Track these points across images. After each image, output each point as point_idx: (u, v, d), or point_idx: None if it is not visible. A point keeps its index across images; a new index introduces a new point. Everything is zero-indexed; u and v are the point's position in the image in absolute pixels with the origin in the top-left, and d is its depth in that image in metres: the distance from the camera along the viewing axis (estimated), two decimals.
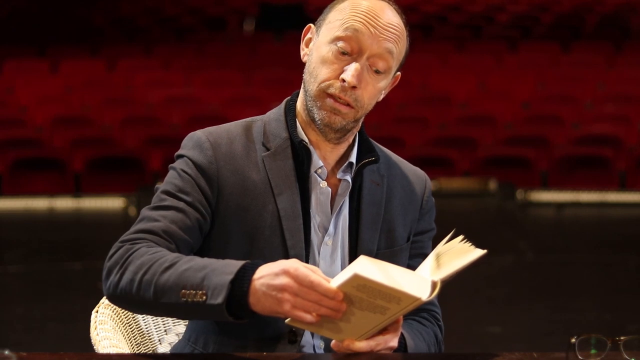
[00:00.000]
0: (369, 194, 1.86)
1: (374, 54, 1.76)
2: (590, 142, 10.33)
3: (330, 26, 1.78)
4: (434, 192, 1.98)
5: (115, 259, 1.69)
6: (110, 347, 1.87)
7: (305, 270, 1.53)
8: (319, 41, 1.80)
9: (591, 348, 1.55)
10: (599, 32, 13.48)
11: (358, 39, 1.75)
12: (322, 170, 1.82)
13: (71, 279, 6.40)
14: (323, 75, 1.76)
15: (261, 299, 1.55)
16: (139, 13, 14.60)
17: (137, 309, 1.77)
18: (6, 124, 10.53)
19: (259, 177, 1.80)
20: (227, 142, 1.81)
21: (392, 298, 1.53)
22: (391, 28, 1.78)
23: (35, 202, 9.82)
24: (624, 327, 5.04)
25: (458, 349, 4.63)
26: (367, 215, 1.84)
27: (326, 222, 1.82)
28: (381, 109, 12.40)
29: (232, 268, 1.58)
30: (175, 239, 1.73)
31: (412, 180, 1.94)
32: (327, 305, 1.53)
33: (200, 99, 11.23)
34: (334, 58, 1.76)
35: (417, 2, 14.81)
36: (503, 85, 11.49)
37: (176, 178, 1.79)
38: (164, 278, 1.62)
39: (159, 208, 1.76)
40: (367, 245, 1.83)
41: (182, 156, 1.82)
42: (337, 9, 1.80)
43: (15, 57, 12.25)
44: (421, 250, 1.93)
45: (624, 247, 7.77)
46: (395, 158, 1.96)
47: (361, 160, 1.85)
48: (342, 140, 1.84)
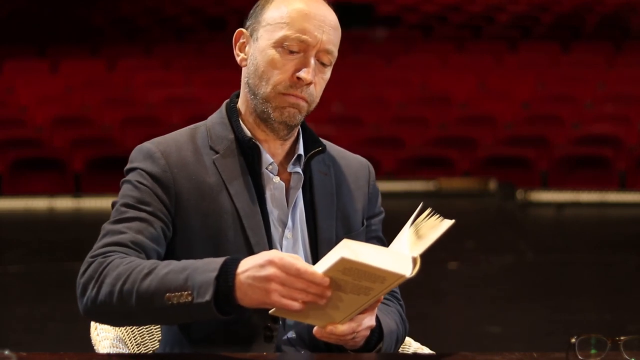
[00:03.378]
0: (320, 184, 1.90)
1: (321, 49, 1.81)
2: (590, 142, 10.33)
3: (271, 28, 1.81)
4: (434, 192, 2.00)
5: (89, 274, 1.69)
6: (110, 347, 1.87)
7: (290, 258, 1.55)
8: (261, 45, 1.82)
9: (591, 348, 1.56)
10: (599, 32, 13.47)
11: (304, 37, 1.79)
12: (273, 166, 1.86)
13: (71, 279, 6.32)
14: (276, 77, 1.80)
15: (248, 291, 1.57)
16: (139, 13, 14.59)
17: (119, 321, 1.76)
18: (6, 124, 10.53)
19: (213, 179, 1.82)
20: (176, 150, 1.83)
21: (377, 278, 1.55)
22: (330, 22, 1.83)
23: (35, 202, 9.82)
24: (624, 327, 5.04)
25: (458, 349, 4.63)
26: (321, 205, 1.89)
27: (283, 216, 1.86)
28: (381, 109, 12.36)
29: (214, 265, 1.60)
30: (144, 249, 1.74)
31: (356, 167, 1.99)
32: (314, 292, 1.55)
33: (200, 99, 11.23)
34: (283, 59, 1.80)
35: (417, 2, 14.80)
36: (503, 85, 11.48)
37: (133, 190, 1.81)
38: (145, 285, 1.62)
39: (121, 221, 1.77)
40: (326, 234, 1.87)
41: (134, 169, 1.84)
42: (271, 9, 1.83)
43: (15, 57, 12.25)
44: (375, 233, 1.99)
45: (624, 247, 7.76)
46: (337, 148, 2.02)
47: (308, 151, 1.89)
48: (290, 135, 1.87)
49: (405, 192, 9.31)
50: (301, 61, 1.79)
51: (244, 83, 1.88)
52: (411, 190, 9.50)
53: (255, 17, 1.86)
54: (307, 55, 1.80)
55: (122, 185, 1.85)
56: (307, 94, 1.81)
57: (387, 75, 11.67)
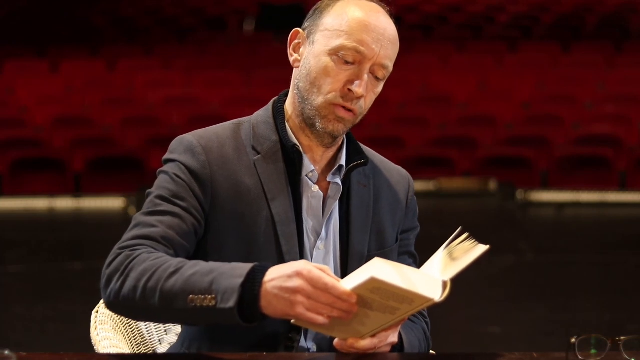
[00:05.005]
0: (357, 196, 1.86)
1: (376, 63, 1.76)
2: (590, 142, 10.33)
3: (328, 34, 1.77)
4: (434, 192, 2.00)
5: (115, 265, 1.65)
6: (111, 347, 1.87)
7: (319, 272, 1.52)
8: (316, 49, 1.79)
9: (591, 348, 1.56)
10: (599, 32, 13.47)
11: (361, 49, 1.75)
12: (313, 174, 1.82)
13: (71, 279, 6.40)
14: (328, 86, 1.76)
15: (273, 301, 1.53)
16: (139, 13, 14.60)
17: (141, 316, 1.75)
18: (6, 124, 10.53)
19: (252, 181, 1.78)
20: (218, 146, 1.79)
21: (405, 299, 1.53)
22: (389, 36, 1.78)
23: (35, 202, 9.82)
24: (624, 327, 5.04)
25: (458, 349, 4.63)
26: (357, 218, 1.84)
27: (318, 226, 1.82)
28: (381, 109, 12.39)
29: (241, 271, 1.56)
30: (173, 245, 1.70)
31: (397, 179, 1.95)
32: (340, 308, 1.52)
33: (200, 99, 11.23)
34: (337, 68, 1.75)
35: (417, 2, 14.80)
36: (503, 85, 11.49)
37: (169, 183, 1.77)
38: (170, 284, 1.59)
39: (154, 213, 1.73)
40: (358, 248, 1.83)
41: (173, 160, 1.80)
42: (331, 14, 1.79)
43: (15, 57, 12.25)
44: (407, 248, 1.94)
45: (624, 247, 7.76)
46: (379, 158, 1.97)
47: (350, 162, 1.85)
48: (333, 144, 1.84)
49: None
50: (355, 73, 1.75)
51: (293, 84, 1.84)
52: None
53: (314, 20, 1.82)
54: (362, 67, 1.75)
55: (158, 174, 1.81)
56: (357, 106, 1.77)
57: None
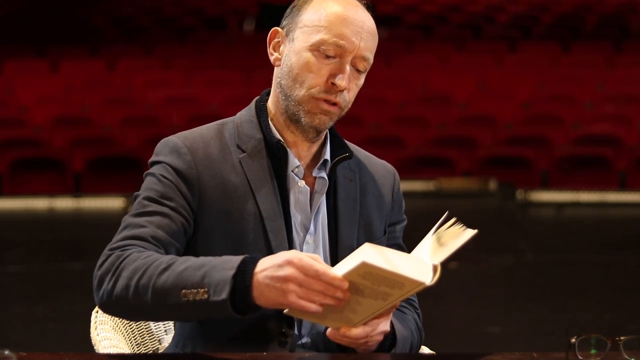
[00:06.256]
0: (344, 190, 1.88)
1: (357, 56, 1.79)
2: (590, 142, 10.32)
3: (308, 30, 1.79)
4: (434, 192, 2.01)
5: (107, 266, 1.67)
6: (111, 347, 1.87)
7: (309, 259, 1.54)
8: (297, 46, 1.80)
9: (591, 348, 1.56)
10: (599, 32, 13.47)
11: (342, 43, 1.77)
12: (299, 169, 1.84)
13: (71, 279, 6.40)
14: (311, 81, 1.78)
15: (265, 291, 1.55)
16: (139, 13, 14.59)
17: (135, 315, 1.76)
18: (6, 124, 10.53)
19: (238, 179, 1.80)
20: (202, 147, 1.82)
21: (396, 284, 1.54)
22: (368, 28, 1.81)
23: (35, 202, 9.81)
24: (624, 327, 5.04)
25: (458, 349, 4.63)
26: (344, 211, 1.87)
27: (306, 220, 1.84)
28: (381, 109, 12.39)
29: (232, 263, 1.58)
30: (163, 244, 1.72)
31: (382, 174, 1.98)
32: (332, 295, 1.54)
33: (200, 99, 11.23)
34: (319, 63, 1.78)
35: (417, 2, 14.80)
36: (503, 85, 11.48)
37: (156, 184, 1.79)
38: (162, 280, 1.60)
39: (143, 214, 1.75)
40: (347, 241, 1.85)
41: (159, 162, 1.82)
42: (309, 10, 1.81)
43: (15, 57, 12.25)
44: (395, 240, 1.97)
45: (624, 247, 7.76)
46: (363, 153, 2.00)
47: (335, 157, 1.87)
48: (317, 138, 1.86)
49: (405, 192, 9.22)
50: (337, 66, 1.78)
51: (275, 83, 1.86)
52: (411, 190, 9.47)
53: (292, 18, 1.83)
54: (343, 60, 1.78)
55: (145, 177, 1.83)
56: (340, 99, 1.79)
57: (387, 75, 11.66)
